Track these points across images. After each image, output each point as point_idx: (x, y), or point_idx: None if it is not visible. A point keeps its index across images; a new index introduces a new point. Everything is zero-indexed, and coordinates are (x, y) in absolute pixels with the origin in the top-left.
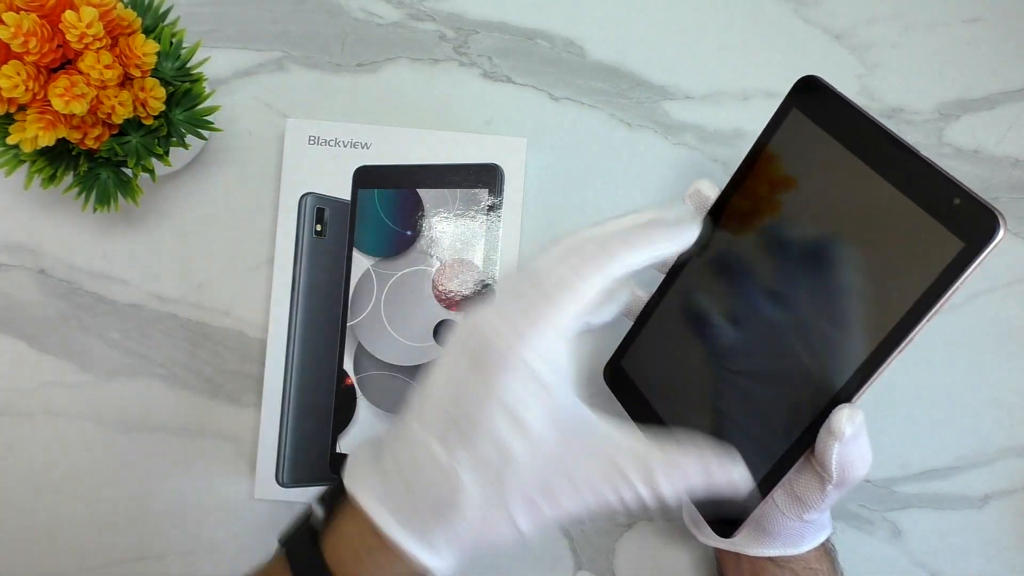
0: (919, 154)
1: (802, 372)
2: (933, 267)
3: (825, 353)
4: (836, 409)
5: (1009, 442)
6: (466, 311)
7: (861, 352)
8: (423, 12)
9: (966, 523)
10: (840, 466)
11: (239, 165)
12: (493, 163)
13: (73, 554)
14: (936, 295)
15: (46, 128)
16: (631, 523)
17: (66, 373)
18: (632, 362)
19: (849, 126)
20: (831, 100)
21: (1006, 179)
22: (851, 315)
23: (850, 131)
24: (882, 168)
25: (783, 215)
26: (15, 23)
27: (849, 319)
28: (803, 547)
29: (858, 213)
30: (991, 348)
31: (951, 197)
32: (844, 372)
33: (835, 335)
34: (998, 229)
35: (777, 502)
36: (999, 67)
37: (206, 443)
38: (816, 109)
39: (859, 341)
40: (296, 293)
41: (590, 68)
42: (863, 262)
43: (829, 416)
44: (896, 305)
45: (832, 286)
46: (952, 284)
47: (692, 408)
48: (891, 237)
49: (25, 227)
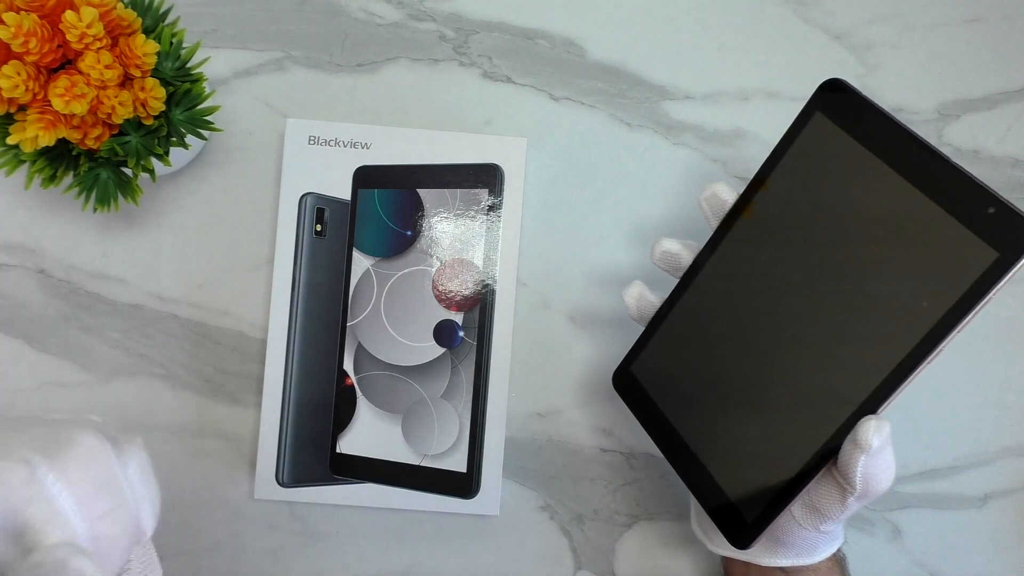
0: (950, 161)
1: (825, 382)
2: (966, 277)
3: (851, 363)
4: (863, 420)
5: (1009, 442)
6: None
7: (888, 363)
8: (423, 12)
9: (966, 523)
10: (864, 478)
11: (239, 165)
12: (493, 163)
13: None
14: (968, 306)
15: (46, 128)
16: (631, 523)
17: (66, 373)
18: (643, 368)
19: (876, 131)
20: (857, 104)
21: (1006, 179)
22: (879, 325)
23: (877, 136)
24: (911, 175)
25: (806, 221)
26: (15, 23)
27: (876, 329)
28: (816, 557)
29: (886, 221)
30: (991, 348)
31: (985, 206)
32: (870, 383)
33: (862, 346)
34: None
35: (794, 513)
36: (999, 67)
37: (206, 443)
38: (841, 113)
39: (887, 352)
40: (296, 293)
41: (590, 68)
42: (891, 271)
43: (856, 427)
44: (926, 316)
45: (859, 296)
46: (986, 295)
47: (706, 417)
48: (921, 246)
49: (25, 227)
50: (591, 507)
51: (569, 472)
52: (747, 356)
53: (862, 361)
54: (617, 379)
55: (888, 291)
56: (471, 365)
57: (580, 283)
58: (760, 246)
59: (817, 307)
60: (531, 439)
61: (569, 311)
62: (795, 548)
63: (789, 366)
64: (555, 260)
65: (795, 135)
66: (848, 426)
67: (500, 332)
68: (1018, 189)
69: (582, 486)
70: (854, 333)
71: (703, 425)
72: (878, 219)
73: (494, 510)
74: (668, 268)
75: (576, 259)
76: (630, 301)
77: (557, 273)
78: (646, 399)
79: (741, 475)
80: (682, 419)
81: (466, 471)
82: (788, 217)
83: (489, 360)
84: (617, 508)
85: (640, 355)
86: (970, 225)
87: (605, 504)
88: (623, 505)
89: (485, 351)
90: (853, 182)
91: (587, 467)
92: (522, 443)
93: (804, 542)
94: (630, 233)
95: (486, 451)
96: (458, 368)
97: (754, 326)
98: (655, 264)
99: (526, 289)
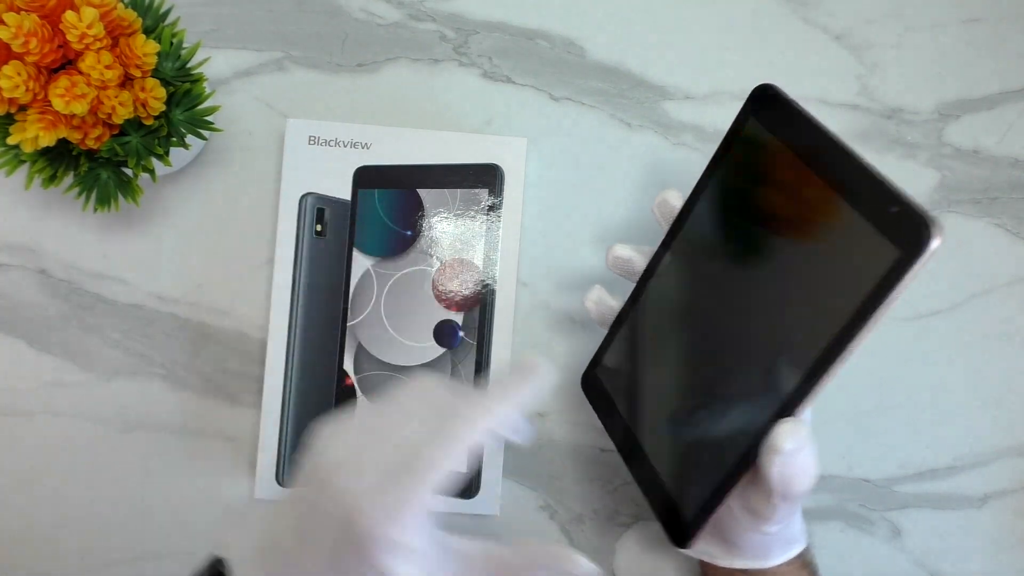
0: (862, 161)
1: (749, 384)
2: (872, 277)
3: (771, 366)
4: (778, 423)
5: (1008, 442)
6: (315, 473)
7: (803, 365)
8: (423, 12)
9: (966, 523)
10: (782, 479)
11: (239, 165)
12: (493, 163)
13: (73, 554)
14: (873, 306)
15: (47, 128)
16: (631, 523)
17: (66, 373)
18: (604, 370)
19: (802, 134)
20: (785, 109)
21: (1006, 179)
22: (794, 326)
23: (802, 139)
24: (830, 177)
25: (737, 225)
26: (16, 23)
27: (792, 330)
28: (771, 560)
29: (806, 223)
30: (991, 348)
31: (890, 204)
32: (787, 385)
33: (781, 348)
34: (932, 238)
35: (736, 514)
36: (999, 67)
37: (206, 443)
38: (771, 118)
39: (801, 354)
40: (296, 293)
41: (590, 68)
42: (809, 273)
43: (771, 430)
44: (836, 315)
45: (777, 297)
46: (888, 293)
47: (654, 418)
48: (837, 248)
49: (25, 227)
50: (591, 507)
51: (569, 472)
52: (686, 358)
53: (781, 363)
54: (584, 381)
55: (806, 293)
56: (471, 365)
57: (580, 283)
58: (698, 251)
59: (743, 310)
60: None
61: (569, 311)
62: (749, 551)
63: (720, 368)
64: (555, 260)
65: (731, 141)
66: (768, 428)
67: (500, 332)
68: (1018, 189)
69: (582, 486)
70: (775, 335)
71: (652, 426)
72: (799, 222)
73: (494, 510)
74: (623, 273)
75: (576, 259)
76: (590, 305)
77: (557, 273)
78: (608, 400)
79: (682, 475)
80: (635, 420)
81: (466, 471)
82: (722, 222)
83: (489, 360)
84: (617, 508)
85: (603, 358)
86: (877, 224)
87: (605, 504)
88: (623, 505)
89: (485, 351)
90: (780, 186)
91: (587, 467)
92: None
93: (755, 545)
94: (630, 233)
95: (486, 451)
96: (458, 368)
97: (691, 329)
98: (609, 269)
99: (526, 289)
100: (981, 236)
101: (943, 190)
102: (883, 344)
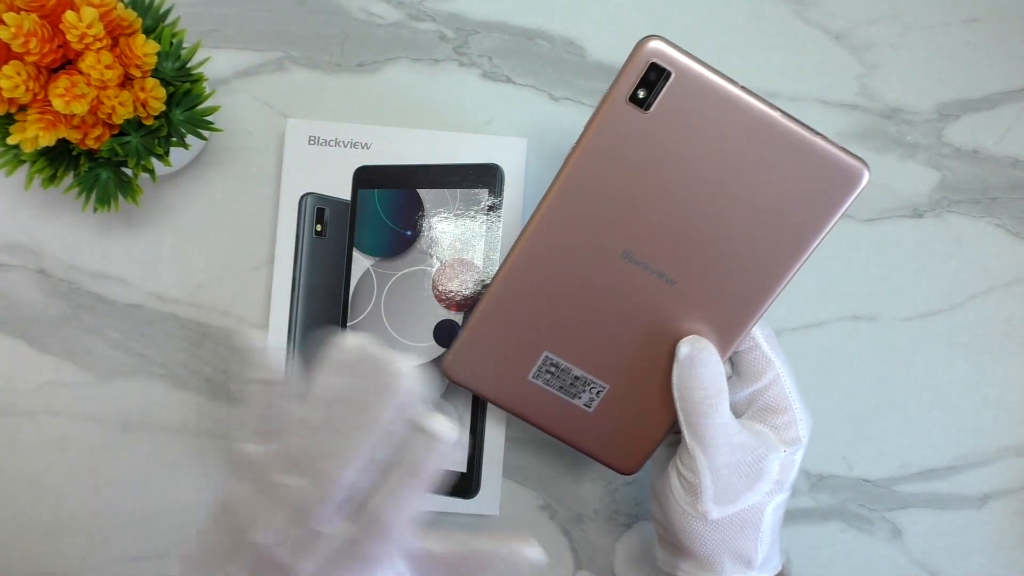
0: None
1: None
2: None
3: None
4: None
5: (1009, 442)
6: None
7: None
8: (423, 12)
9: (966, 523)
10: (679, 391)
11: (239, 165)
12: (493, 163)
13: (73, 554)
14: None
15: (46, 128)
16: (631, 523)
17: (66, 373)
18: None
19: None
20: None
21: (1006, 179)
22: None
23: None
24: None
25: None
26: (15, 23)
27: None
28: (722, 573)
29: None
30: (991, 348)
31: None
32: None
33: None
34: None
35: (675, 495)
36: (999, 67)
37: (206, 443)
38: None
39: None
40: (296, 293)
41: (590, 68)
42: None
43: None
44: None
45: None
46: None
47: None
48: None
49: (25, 227)
50: (591, 507)
51: (569, 472)
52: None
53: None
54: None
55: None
56: None
57: None
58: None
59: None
60: (531, 439)
61: None
62: (693, 547)
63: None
64: None
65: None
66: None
67: None
68: (1018, 189)
69: (582, 486)
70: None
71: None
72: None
73: (494, 510)
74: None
75: None
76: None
77: None
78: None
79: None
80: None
81: (466, 471)
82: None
83: None
84: (617, 508)
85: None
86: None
87: (605, 504)
88: (623, 505)
89: None
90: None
91: (587, 467)
92: (522, 443)
93: (697, 538)
94: None
95: (486, 451)
96: None
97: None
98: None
99: None
100: (981, 236)
101: (943, 190)
102: (883, 344)
